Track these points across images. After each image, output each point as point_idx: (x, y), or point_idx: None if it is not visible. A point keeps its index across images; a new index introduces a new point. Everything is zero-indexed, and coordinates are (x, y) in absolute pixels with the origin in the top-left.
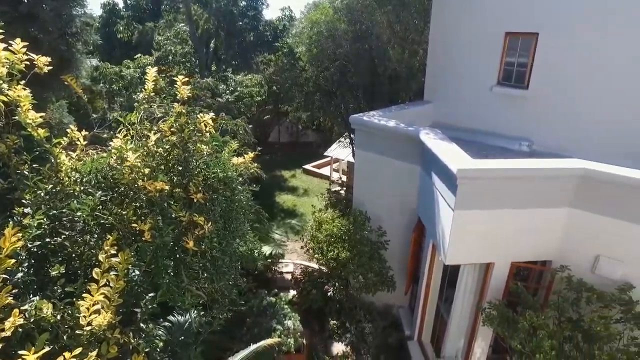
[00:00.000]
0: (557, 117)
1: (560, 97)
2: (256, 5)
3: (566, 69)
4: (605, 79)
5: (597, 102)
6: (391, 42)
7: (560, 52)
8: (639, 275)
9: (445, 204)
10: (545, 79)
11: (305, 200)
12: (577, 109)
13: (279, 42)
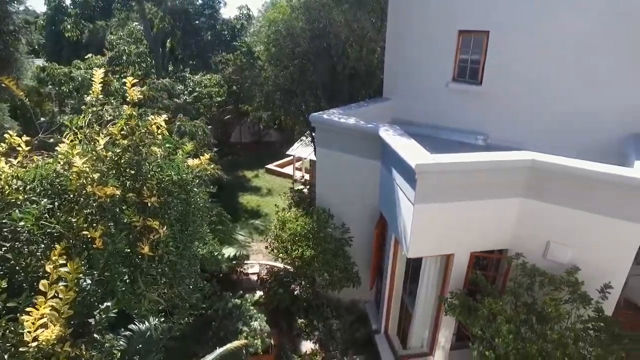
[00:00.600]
0: (510, 112)
1: (511, 92)
2: (213, 3)
3: (516, 65)
4: (551, 75)
5: (545, 96)
6: (349, 40)
7: (510, 50)
8: (583, 257)
9: (406, 198)
10: (497, 75)
11: (269, 200)
12: (527, 104)
13: (237, 41)
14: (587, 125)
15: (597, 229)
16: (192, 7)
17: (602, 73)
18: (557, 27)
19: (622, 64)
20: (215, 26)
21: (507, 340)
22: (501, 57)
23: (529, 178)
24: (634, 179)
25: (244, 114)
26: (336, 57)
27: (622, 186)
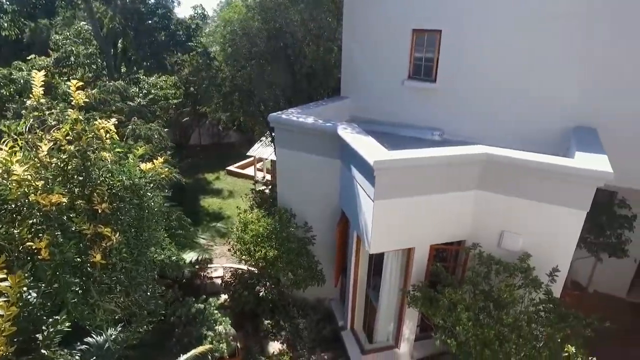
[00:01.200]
0: (463, 107)
1: (463, 89)
2: (166, 3)
3: (467, 62)
4: (500, 72)
5: (495, 92)
6: (306, 39)
7: (461, 48)
8: (534, 244)
9: (366, 195)
10: (450, 72)
11: (231, 202)
12: (479, 99)
13: (192, 41)
14: (535, 119)
15: (544, 216)
16: (145, 7)
17: (547, 70)
18: (503, 25)
19: (565, 61)
20: (170, 26)
21: (466, 327)
22: (453, 55)
23: (483, 171)
24: (573, 168)
25: (203, 115)
26: (293, 56)
27: (564, 176)
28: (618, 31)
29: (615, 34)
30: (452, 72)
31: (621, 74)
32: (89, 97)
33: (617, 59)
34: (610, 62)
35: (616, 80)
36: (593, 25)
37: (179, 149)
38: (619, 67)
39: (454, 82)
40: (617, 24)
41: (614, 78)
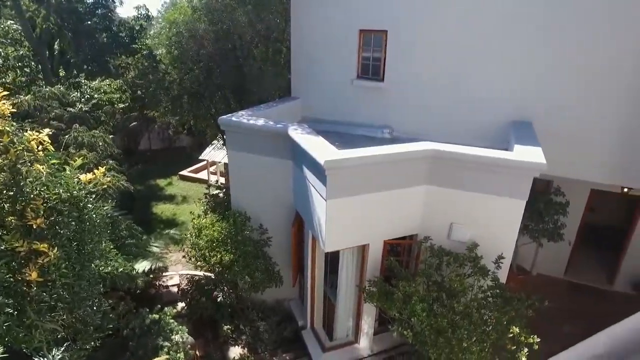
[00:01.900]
0: (411, 105)
1: (410, 87)
2: (106, 3)
3: (412, 61)
4: (444, 70)
5: (440, 89)
6: (255, 41)
7: (406, 47)
8: (480, 234)
9: (318, 195)
10: (396, 71)
11: (185, 208)
12: (425, 97)
13: (137, 43)
14: (478, 114)
15: (488, 207)
16: (82, 6)
17: (487, 68)
18: (444, 26)
19: (502, 60)
20: (111, 27)
21: (421, 318)
22: (399, 55)
23: (430, 167)
24: (511, 161)
25: (152, 119)
26: (242, 58)
27: (503, 168)
28: (547, 33)
29: (544, 35)
30: (399, 71)
31: (550, 71)
32: (21, 104)
33: (547, 58)
34: (541, 60)
35: (546, 77)
36: (526, 26)
37: (128, 155)
38: (549, 65)
39: (401, 81)
40: (546, 26)
41: (544, 75)
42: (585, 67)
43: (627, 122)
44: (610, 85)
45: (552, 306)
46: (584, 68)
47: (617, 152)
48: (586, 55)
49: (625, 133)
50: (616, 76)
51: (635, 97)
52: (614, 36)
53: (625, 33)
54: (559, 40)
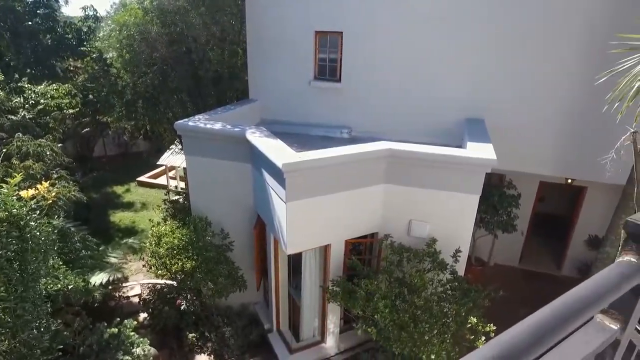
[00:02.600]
0: (368, 105)
1: (367, 87)
2: (49, 2)
3: (368, 62)
4: (399, 70)
5: (396, 89)
6: (210, 43)
7: (362, 49)
8: (438, 229)
9: (278, 197)
10: (353, 72)
11: (145, 215)
12: (381, 97)
13: (86, 46)
14: (433, 113)
15: (444, 203)
16: (21, 6)
17: (440, 67)
18: (398, 28)
19: (454, 60)
20: (56, 28)
21: (384, 314)
22: (355, 56)
23: (388, 166)
24: (464, 158)
25: (106, 125)
26: (197, 61)
27: (456, 165)
28: (495, 35)
29: (493, 36)
30: (355, 72)
31: (499, 72)
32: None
33: (496, 59)
34: (490, 61)
35: (496, 77)
36: (476, 29)
37: (82, 163)
38: (498, 66)
39: (358, 82)
40: (494, 30)
41: (494, 75)
42: (529, 69)
43: (568, 121)
44: (552, 87)
45: (508, 293)
46: (528, 70)
47: (561, 148)
48: (530, 58)
49: (567, 131)
50: (557, 79)
51: (574, 99)
52: (554, 43)
53: (562, 40)
54: (506, 42)
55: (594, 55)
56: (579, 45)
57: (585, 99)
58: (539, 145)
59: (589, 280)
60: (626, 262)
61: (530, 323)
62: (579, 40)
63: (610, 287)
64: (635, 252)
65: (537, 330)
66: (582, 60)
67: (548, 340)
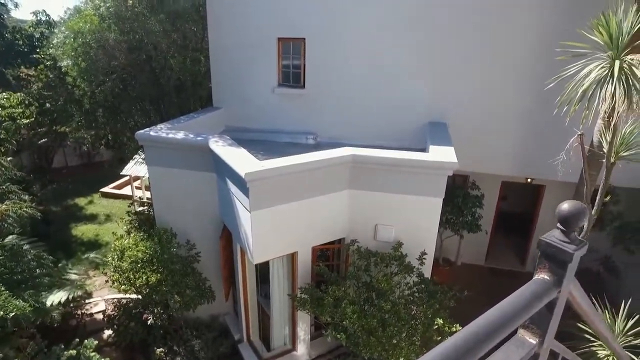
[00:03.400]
0: (333, 111)
1: (331, 93)
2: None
3: (332, 67)
4: (362, 75)
5: (360, 95)
6: (171, 50)
7: (325, 55)
8: (404, 233)
9: (242, 206)
10: (316, 78)
11: (109, 227)
12: (345, 102)
13: (39, 53)
14: (397, 118)
15: (409, 207)
16: None
17: (402, 71)
18: (360, 33)
19: (416, 66)
20: (4, 34)
21: (352, 320)
22: (318, 62)
23: (352, 171)
24: (427, 162)
25: (65, 134)
26: (159, 69)
27: (418, 169)
28: (453, 41)
29: (453, 42)
30: (319, 78)
31: (459, 76)
32: None
33: (456, 64)
34: (451, 66)
35: (457, 82)
36: (435, 35)
37: (40, 175)
38: (459, 71)
39: (322, 87)
40: (452, 36)
41: (455, 79)
42: (486, 75)
43: (525, 124)
44: (508, 91)
45: (475, 292)
46: (485, 75)
47: (519, 149)
48: (486, 64)
49: (524, 133)
50: (512, 84)
51: (529, 103)
52: (509, 49)
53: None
54: (464, 48)
55: (545, 61)
56: (531, 52)
57: (539, 102)
58: (499, 147)
59: (509, 298)
60: (540, 280)
61: (456, 340)
62: (531, 47)
63: (526, 304)
64: (548, 270)
65: (462, 347)
66: (534, 67)
67: (472, 357)
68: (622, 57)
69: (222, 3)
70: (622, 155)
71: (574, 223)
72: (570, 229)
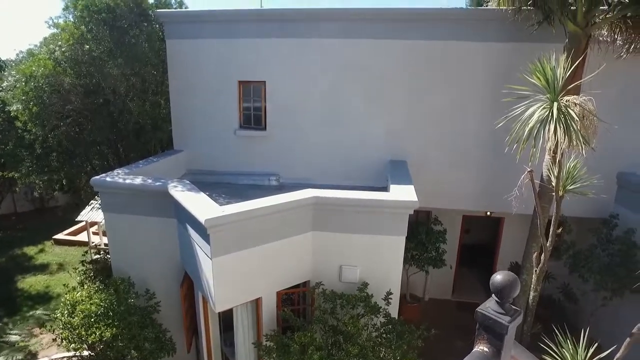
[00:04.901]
0: (294, 152)
1: (293, 135)
2: None
3: (292, 109)
4: (320, 117)
5: (319, 136)
6: (130, 94)
7: (285, 96)
8: (369, 273)
9: (204, 253)
10: (278, 119)
11: (61, 277)
12: (306, 144)
13: None
14: (357, 156)
15: (372, 246)
16: None
17: (361, 112)
18: (319, 77)
19: (375, 105)
20: None
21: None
22: (279, 104)
23: (315, 213)
24: (388, 201)
25: (13, 180)
26: (117, 112)
27: (379, 208)
28: (408, 83)
29: (405, 85)
30: (280, 119)
31: (414, 116)
32: None
33: (415, 106)
34: (410, 107)
35: (412, 121)
36: (390, 81)
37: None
38: (412, 112)
39: (283, 129)
40: (407, 77)
41: (410, 119)
42: (443, 116)
43: (481, 161)
44: (465, 131)
45: (443, 328)
46: (443, 116)
47: (477, 185)
48: (442, 105)
49: (481, 170)
50: (468, 124)
51: (484, 141)
52: (463, 92)
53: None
54: (419, 89)
55: (495, 103)
56: (481, 94)
57: (492, 141)
58: (458, 183)
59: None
60: (479, 352)
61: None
62: (482, 90)
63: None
64: (487, 341)
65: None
66: (485, 108)
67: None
68: (559, 99)
69: (182, 47)
70: (569, 189)
71: (508, 294)
72: (505, 300)
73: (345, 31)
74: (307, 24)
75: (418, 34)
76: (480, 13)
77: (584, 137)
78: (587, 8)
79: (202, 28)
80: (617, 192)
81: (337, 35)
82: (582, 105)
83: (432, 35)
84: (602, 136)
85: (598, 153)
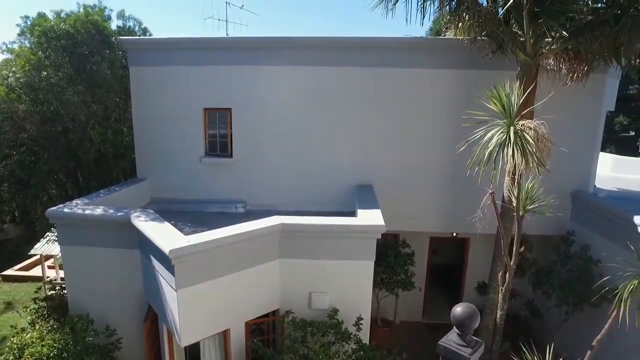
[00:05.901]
0: (261, 179)
1: (259, 161)
2: None
3: (259, 137)
4: (285, 144)
5: (285, 163)
6: (91, 122)
7: (250, 123)
8: (338, 299)
9: (168, 285)
10: (244, 146)
11: (9, 317)
12: (271, 170)
13: None
14: (324, 182)
15: (341, 272)
16: None
17: (326, 139)
18: (286, 106)
19: (340, 131)
20: None
21: None
22: (244, 132)
23: (281, 240)
24: (355, 226)
25: None
26: (76, 140)
27: (347, 234)
28: (373, 110)
29: (371, 114)
30: (246, 146)
31: (379, 143)
32: None
33: (375, 131)
34: (369, 132)
35: (376, 147)
36: (354, 107)
37: None
38: (377, 137)
39: (249, 156)
40: (372, 104)
41: (378, 146)
42: (407, 140)
43: (445, 184)
44: (428, 155)
45: (415, 349)
46: (407, 141)
47: (442, 208)
48: (405, 130)
49: (445, 193)
50: (430, 148)
51: (448, 165)
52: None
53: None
54: (382, 115)
55: (456, 127)
56: (443, 119)
57: (455, 165)
58: (423, 206)
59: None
60: None
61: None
62: (443, 115)
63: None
64: None
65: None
66: (449, 133)
67: None
68: (515, 124)
69: (146, 74)
70: (528, 208)
71: (469, 326)
72: (466, 332)
73: (309, 59)
74: (272, 52)
75: (380, 61)
76: (440, 42)
77: (540, 159)
78: (534, 40)
79: (167, 55)
80: (572, 209)
81: (302, 62)
82: (536, 129)
83: (394, 63)
84: (555, 158)
85: (553, 174)
